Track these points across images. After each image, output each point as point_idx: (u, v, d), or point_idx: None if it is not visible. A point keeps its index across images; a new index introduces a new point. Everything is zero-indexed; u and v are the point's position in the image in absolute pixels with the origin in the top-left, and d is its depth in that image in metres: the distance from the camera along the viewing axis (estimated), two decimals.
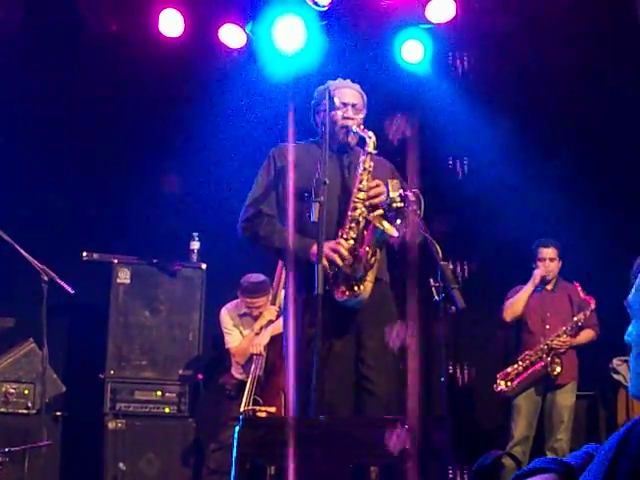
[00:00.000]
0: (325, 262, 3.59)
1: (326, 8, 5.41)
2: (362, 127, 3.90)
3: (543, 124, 6.30)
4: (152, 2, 5.66)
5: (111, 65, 5.81)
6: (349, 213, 3.78)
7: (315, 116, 4.00)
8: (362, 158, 3.84)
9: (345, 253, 3.69)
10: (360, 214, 3.77)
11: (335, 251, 3.67)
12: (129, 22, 5.74)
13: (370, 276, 3.73)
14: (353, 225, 3.76)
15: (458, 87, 6.04)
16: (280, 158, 3.96)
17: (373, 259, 3.73)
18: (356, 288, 3.70)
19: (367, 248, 3.71)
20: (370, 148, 3.83)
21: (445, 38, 5.86)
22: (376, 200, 3.77)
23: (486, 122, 6.09)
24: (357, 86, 4.06)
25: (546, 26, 5.75)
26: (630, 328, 1.41)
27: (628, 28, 5.32)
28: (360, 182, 3.81)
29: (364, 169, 3.83)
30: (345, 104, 3.92)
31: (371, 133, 3.86)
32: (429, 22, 5.74)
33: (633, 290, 1.41)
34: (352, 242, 3.73)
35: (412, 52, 5.83)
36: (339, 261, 3.66)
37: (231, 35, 5.78)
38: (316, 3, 5.34)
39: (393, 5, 5.67)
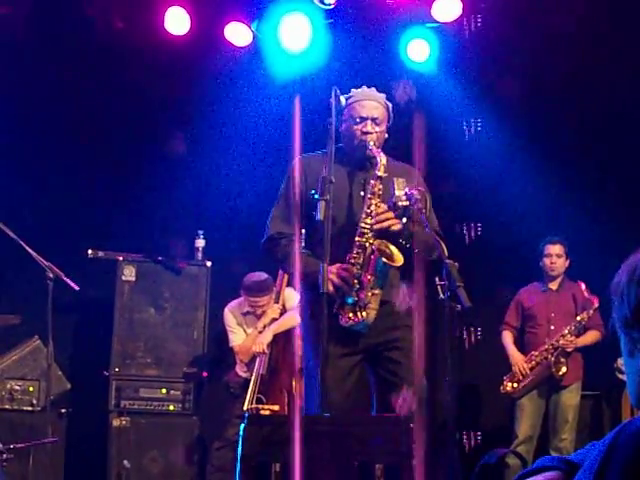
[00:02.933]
0: (330, 287, 3.57)
1: (332, 6, 5.41)
2: (377, 146, 3.74)
3: (551, 120, 6.28)
4: (158, 0, 5.66)
5: (116, 63, 5.82)
6: (356, 238, 3.67)
7: (339, 125, 3.81)
8: (372, 182, 3.70)
9: (351, 279, 3.65)
10: (367, 240, 3.67)
11: (342, 279, 3.63)
12: (135, 20, 5.75)
13: (373, 303, 3.67)
14: (360, 251, 3.67)
15: (464, 86, 6.03)
16: (307, 171, 3.79)
17: (377, 286, 3.68)
18: (359, 314, 3.66)
19: (369, 276, 3.66)
20: (380, 172, 3.68)
21: (451, 37, 5.85)
22: (385, 225, 3.66)
23: (492, 119, 6.09)
24: (381, 96, 3.85)
25: (552, 24, 5.74)
26: None
27: None
28: (368, 207, 3.69)
29: (373, 193, 3.69)
30: (364, 118, 3.74)
31: (383, 155, 3.71)
32: (435, 21, 5.74)
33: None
34: (358, 268, 3.67)
35: (418, 51, 5.82)
36: (346, 288, 3.63)
37: (237, 33, 5.78)
38: (322, 1, 5.34)
39: (399, 4, 5.66)
